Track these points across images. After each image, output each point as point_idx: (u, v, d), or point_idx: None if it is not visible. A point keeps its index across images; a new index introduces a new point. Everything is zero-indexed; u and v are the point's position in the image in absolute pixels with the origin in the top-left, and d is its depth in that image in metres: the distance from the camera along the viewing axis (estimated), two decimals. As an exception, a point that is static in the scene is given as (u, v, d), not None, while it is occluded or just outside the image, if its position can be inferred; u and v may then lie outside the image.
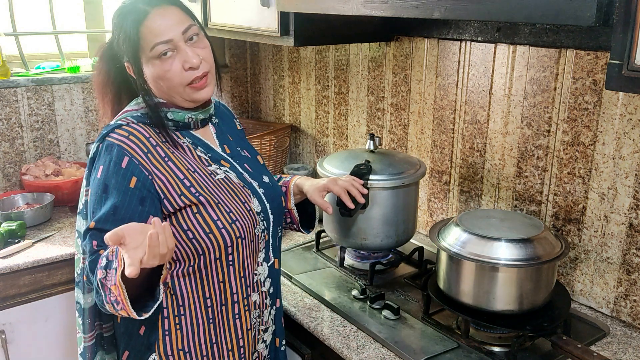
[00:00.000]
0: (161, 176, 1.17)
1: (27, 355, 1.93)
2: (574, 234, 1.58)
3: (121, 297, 1.02)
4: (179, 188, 1.18)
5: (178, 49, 1.17)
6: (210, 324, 1.25)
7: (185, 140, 1.26)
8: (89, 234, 1.14)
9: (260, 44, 2.68)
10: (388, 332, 1.43)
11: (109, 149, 1.16)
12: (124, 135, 1.18)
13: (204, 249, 1.20)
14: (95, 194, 1.17)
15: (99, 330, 1.33)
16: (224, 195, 1.23)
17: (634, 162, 1.42)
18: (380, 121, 2.11)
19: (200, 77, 1.20)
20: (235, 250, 1.24)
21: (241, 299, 1.27)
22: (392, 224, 1.68)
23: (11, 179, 2.33)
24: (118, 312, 1.07)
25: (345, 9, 1.41)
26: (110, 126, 1.21)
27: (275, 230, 1.35)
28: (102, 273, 1.05)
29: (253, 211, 1.27)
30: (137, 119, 1.22)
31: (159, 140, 1.21)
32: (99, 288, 1.06)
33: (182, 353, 1.24)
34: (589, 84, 1.47)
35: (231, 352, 1.28)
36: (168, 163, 1.19)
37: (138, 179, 1.15)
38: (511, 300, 1.37)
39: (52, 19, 2.49)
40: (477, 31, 1.71)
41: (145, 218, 1.14)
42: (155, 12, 1.16)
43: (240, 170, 1.31)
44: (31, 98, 2.31)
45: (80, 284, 1.28)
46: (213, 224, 1.20)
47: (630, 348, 1.40)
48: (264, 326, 1.36)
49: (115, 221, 1.11)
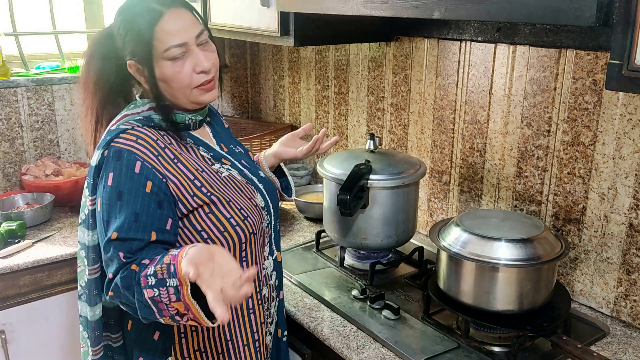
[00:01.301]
0: (174, 178, 1.16)
1: (27, 355, 1.93)
2: (574, 234, 1.58)
3: (194, 313, 1.03)
4: (191, 189, 1.17)
5: (190, 52, 1.17)
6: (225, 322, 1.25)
7: (189, 141, 1.26)
8: (112, 246, 1.11)
9: (260, 44, 2.68)
10: (388, 332, 1.43)
11: (118, 155, 1.14)
12: (131, 139, 1.15)
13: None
14: (108, 202, 1.13)
15: (106, 342, 1.31)
16: (233, 193, 1.23)
17: (634, 162, 1.42)
18: (380, 121, 2.11)
19: (209, 80, 1.21)
20: (249, 247, 1.25)
21: (254, 293, 1.28)
22: (392, 224, 1.68)
23: (11, 179, 2.33)
24: (180, 322, 1.07)
25: (345, 9, 1.41)
26: (113, 132, 1.18)
27: (276, 223, 1.37)
28: (153, 292, 1.03)
29: (259, 206, 1.28)
30: (141, 122, 1.19)
31: (166, 142, 1.20)
32: (149, 305, 1.05)
33: (199, 353, 1.24)
34: (589, 84, 1.47)
35: (247, 346, 1.29)
36: (178, 165, 1.18)
37: (153, 183, 1.13)
38: (511, 300, 1.37)
39: (52, 19, 2.49)
40: (477, 31, 1.71)
41: (164, 221, 1.13)
42: (170, 14, 1.16)
43: (240, 167, 1.32)
44: (31, 98, 2.31)
45: (84, 297, 1.24)
46: (227, 222, 1.20)
47: (630, 348, 1.40)
48: (270, 318, 1.38)
49: (137, 229, 1.10)
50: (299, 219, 2.18)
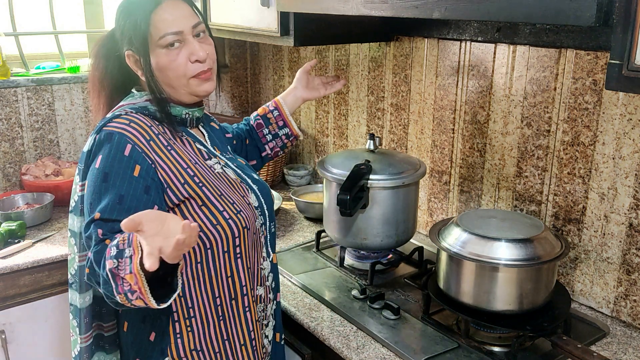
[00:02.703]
0: (164, 165, 1.16)
1: (27, 355, 1.93)
2: (574, 234, 1.58)
3: (139, 285, 0.97)
4: (182, 177, 1.17)
5: (186, 41, 1.19)
6: (220, 321, 1.25)
7: (184, 135, 1.26)
8: (93, 224, 1.10)
9: (260, 44, 2.68)
10: (388, 332, 1.43)
11: (109, 137, 1.14)
12: (124, 122, 1.16)
13: (212, 241, 1.20)
14: (93, 184, 1.12)
15: (97, 331, 1.32)
16: (225, 188, 1.24)
17: (634, 162, 1.42)
18: (380, 121, 2.11)
19: (205, 71, 1.22)
20: (242, 242, 1.24)
21: (249, 290, 1.28)
22: (392, 223, 1.68)
23: (11, 179, 2.33)
24: (132, 302, 1.00)
25: (345, 9, 1.41)
26: (106, 118, 1.19)
27: (270, 226, 1.37)
28: (112, 263, 0.98)
29: (252, 205, 1.28)
30: (136, 110, 1.20)
31: (160, 131, 1.20)
32: (109, 279, 1.00)
33: (195, 353, 1.24)
34: (589, 84, 1.47)
35: (243, 346, 1.29)
36: (171, 152, 1.18)
37: (142, 167, 1.13)
38: (511, 300, 1.37)
39: (52, 19, 2.50)
40: (477, 31, 1.71)
41: (150, 207, 1.12)
42: (167, 3, 1.18)
43: (233, 167, 1.33)
44: (31, 98, 2.31)
45: (74, 285, 1.25)
46: (219, 215, 1.20)
47: (630, 348, 1.40)
48: (266, 320, 1.38)
49: (121, 210, 1.09)
50: (299, 219, 2.18)
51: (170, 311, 1.21)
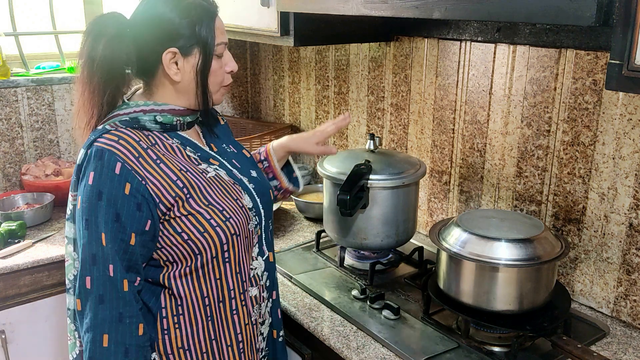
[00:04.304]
0: (154, 180, 1.17)
1: (27, 355, 1.93)
2: (574, 234, 1.58)
3: None
4: (172, 190, 1.18)
5: (225, 53, 1.28)
6: (208, 321, 1.26)
7: (175, 141, 1.26)
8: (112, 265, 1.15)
9: (260, 44, 2.68)
10: (388, 332, 1.43)
11: (99, 155, 1.15)
12: (113, 139, 1.17)
13: (200, 249, 1.20)
14: (88, 200, 1.15)
15: None
16: (216, 194, 1.24)
17: (634, 162, 1.42)
18: (380, 121, 2.11)
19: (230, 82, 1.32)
20: (231, 247, 1.25)
21: (238, 294, 1.28)
22: (392, 224, 1.68)
23: (11, 179, 2.33)
24: None
25: (345, 9, 1.41)
26: (98, 131, 1.20)
27: (267, 224, 1.37)
28: None
29: (245, 207, 1.28)
30: (126, 124, 1.21)
31: (149, 144, 1.21)
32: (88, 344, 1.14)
33: (182, 351, 1.25)
34: (589, 84, 1.47)
35: (230, 347, 1.29)
36: (160, 165, 1.19)
37: (132, 185, 1.14)
38: (511, 300, 1.37)
39: (52, 19, 2.50)
40: (477, 31, 1.71)
41: (144, 224, 1.15)
42: (218, 15, 1.27)
43: (229, 167, 1.32)
44: (31, 98, 2.31)
45: (72, 290, 1.25)
46: (207, 223, 1.20)
47: (630, 348, 1.40)
48: (261, 319, 1.37)
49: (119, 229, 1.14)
50: (299, 219, 2.18)
51: (159, 306, 1.23)
